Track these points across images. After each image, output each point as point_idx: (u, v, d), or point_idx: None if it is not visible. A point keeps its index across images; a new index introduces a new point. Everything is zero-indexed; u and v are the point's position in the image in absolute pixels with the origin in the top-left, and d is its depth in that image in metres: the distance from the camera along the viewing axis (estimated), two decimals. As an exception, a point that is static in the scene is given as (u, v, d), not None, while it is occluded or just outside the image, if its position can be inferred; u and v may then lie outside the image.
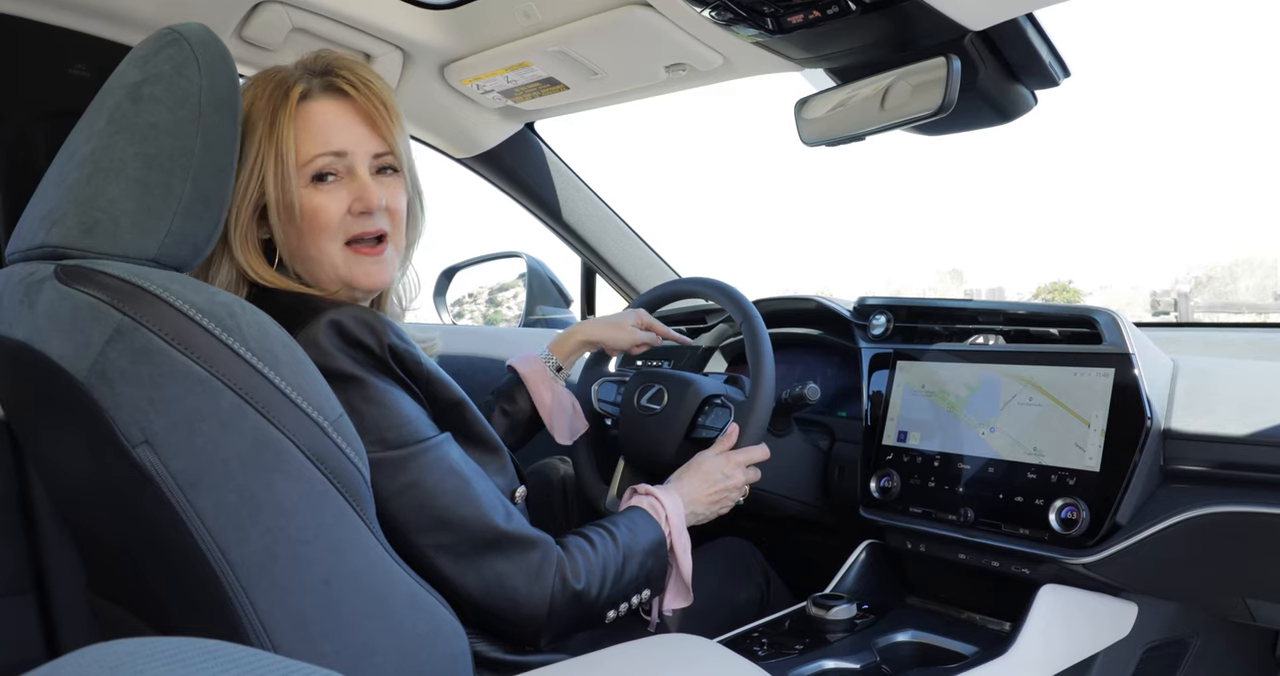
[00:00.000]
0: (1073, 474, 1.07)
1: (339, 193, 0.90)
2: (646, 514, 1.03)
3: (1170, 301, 21.29)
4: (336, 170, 0.90)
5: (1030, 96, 1.28)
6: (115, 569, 0.86)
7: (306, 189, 0.89)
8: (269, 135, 0.88)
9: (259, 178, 0.88)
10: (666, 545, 1.03)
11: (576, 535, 0.96)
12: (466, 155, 1.81)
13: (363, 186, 0.90)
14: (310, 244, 0.90)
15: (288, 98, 0.88)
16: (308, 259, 0.91)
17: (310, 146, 0.89)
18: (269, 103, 0.88)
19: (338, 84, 0.91)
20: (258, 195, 0.89)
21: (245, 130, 0.87)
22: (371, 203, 0.90)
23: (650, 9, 1.23)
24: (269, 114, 0.88)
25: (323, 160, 0.89)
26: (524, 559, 0.87)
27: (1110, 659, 1.09)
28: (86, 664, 0.33)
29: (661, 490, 1.08)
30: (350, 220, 0.91)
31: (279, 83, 0.90)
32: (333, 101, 0.91)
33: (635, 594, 0.98)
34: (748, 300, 1.28)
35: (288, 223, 0.90)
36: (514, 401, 1.28)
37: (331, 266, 0.91)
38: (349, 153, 0.90)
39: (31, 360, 0.67)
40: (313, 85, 0.91)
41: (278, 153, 0.87)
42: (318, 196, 0.89)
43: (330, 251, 0.91)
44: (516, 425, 1.28)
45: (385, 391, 0.83)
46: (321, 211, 0.89)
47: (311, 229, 0.90)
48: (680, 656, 0.79)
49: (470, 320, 3.03)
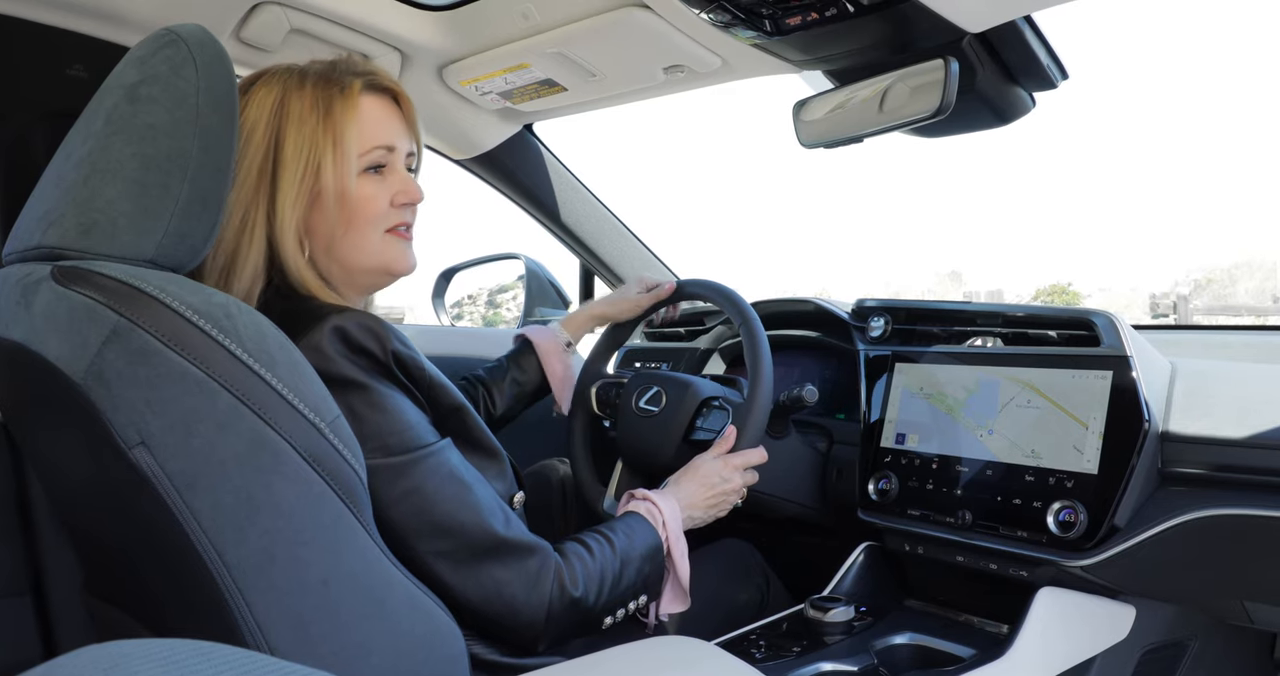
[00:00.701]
0: (1071, 476, 1.07)
1: (384, 185, 0.95)
2: (644, 519, 1.03)
3: (1170, 304, 21.31)
4: (386, 163, 0.95)
5: (1028, 98, 1.28)
6: (112, 570, 0.86)
7: (360, 179, 0.93)
8: (324, 124, 0.90)
9: (314, 166, 0.89)
10: (663, 551, 1.03)
11: (574, 541, 0.96)
12: (465, 156, 1.81)
13: (406, 180, 0.96)
14: (355, 232, 0.93)
15: (345, 91, 0.91)
16: (349, 248, 0.94)
17: (368, 138, 0.93)
18: (320, 94, 0.90)
19: (382, 83, 0.96)
20: (313, 182, 0.90)
21: (283, 119, 0.89)
22: (416, 196, 0.96)
23: (649, 11, 1.23)
24: (323, 104, 0.90)
25: (377, 153, 0.94)
26: (522, 566, 0.87)
27: (1108, 661, 1.09)
28: (81, 665, 0.33)
29: (659, 495, 1.08)
30: (393, 212, 0.95)
31: (320, 77, 0.91)
32: (379, 99, 0.95)
33: (632, 599, 0.98)
34: (746, 302, 1.28)
35: (336, 212, 0.92)
36: (524, 370, 1.32)
37: (372, 253, 0.95)
38: (396, 148, 0.95)
39: (28, 361, 0.67)
40: (362, 82, 0.94)
41: (336, 141, 0.90)
42: (369, 186, 0.93)
43: (372, 238, 0.94)
44: (524, 394, 1.33)
45: (388, 397, 0.84)
46: (372, 201, 0.93)
47: (359, 217, 0.93)
48: (677, 658, 0.79)
49: (470, 322, 3.03)
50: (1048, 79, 1.25)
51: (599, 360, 1.44)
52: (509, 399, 1.31)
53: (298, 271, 0.90)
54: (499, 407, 1.31)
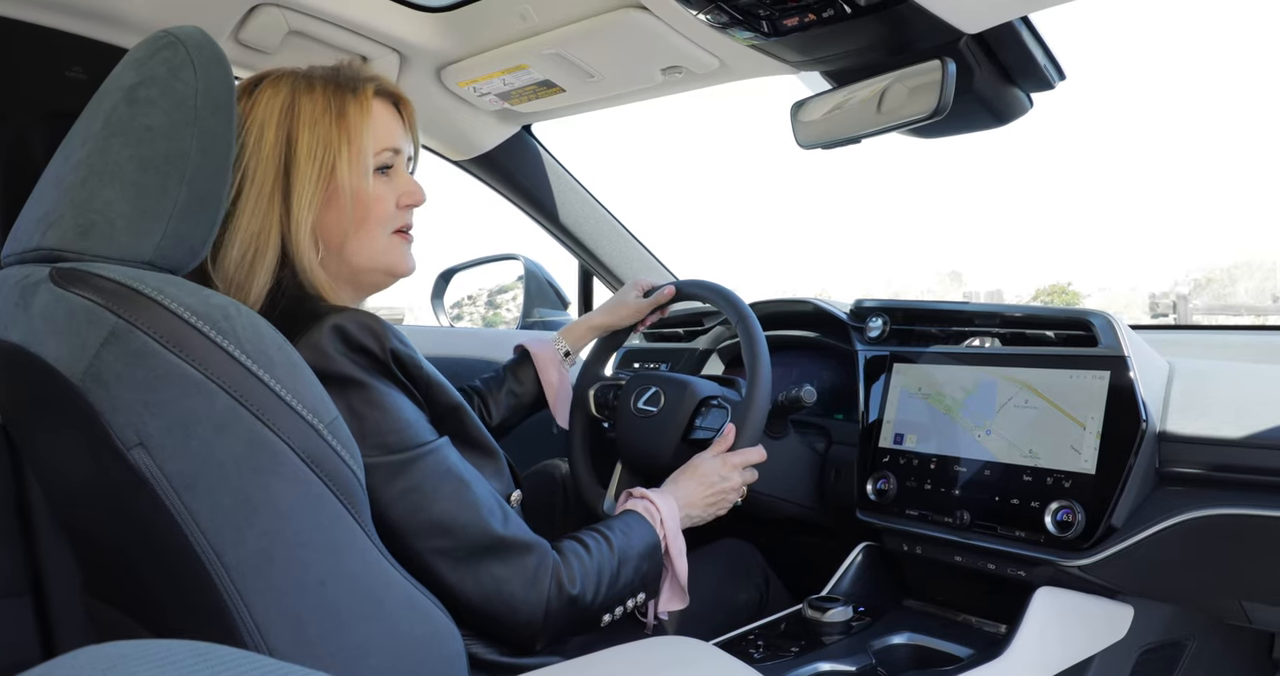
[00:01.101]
0: (1068, 476, 1.08)
1: (391, 186, 0.96)
2: (641, 518, 1.03)
3: (1169, 303, 21.30)
4: (393, 165, 0.97)
5: (1026, 99, 1.29)
6: (111, 571, 0.86)
7: (372, 178, 0.94)
8: (339, 125, 0.91)
9: (329, 165, 0.90)
10: (661, 549, 1.03)
11: (572, 539, 0.96)
12: (464, 157, 1.81)
13: (411, 182, 0.98)
14: (364, 231, 0.95)
15: (358, 93, 0.93)
16: (357, 247, 0.95)
17: (379, 140, 0.94)
18: (332, 96, 0.91)
19: (389, 88, 0.98)
20: (329, 181, 0.91)
21: (294, 121, 0.90)
22: (421, 198, 0.98)
23: (646, 12, 1.23)
24: (335, 106, 0.91)
25: (386, 155, 0.95)
26: (521, 564, 0.88)
27: (1106, 661, 1.09)
28: (79, 665, 0.33)
29: (657, 493, 1.08)
30: (399, 214, 0.97)
31: (329, 81, 0.92)
32: (386, 103, 0.97)
33: (630, 597, 0.98)
34: (744, 302, 1.28)
35: (353, 210, 0.93)
36: (521, 381, 1.32)
37: (378, 253, 0.96)
38: (401, 151, 0.97)
39: (27, 363, 0.67)
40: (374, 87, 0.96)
41: (351, 141, 0.91)
42: (380, 186, 0.95)
43: (380, 238, 0.96)
44: (521, 406, 1.33)
45: (387, 395, 0.84)
46: (382, 201, 0.95)
47: (368, 217, 0.94)
48: (675, 658, 0.79)
49: (469, 322, 3.03)
50: (1045, 79, 1.25)
51: (597, 362, 1.44)
52: (505, 409, 1.31)
53: (310, 271, 0.90)
54: (495, 418, 1.31)
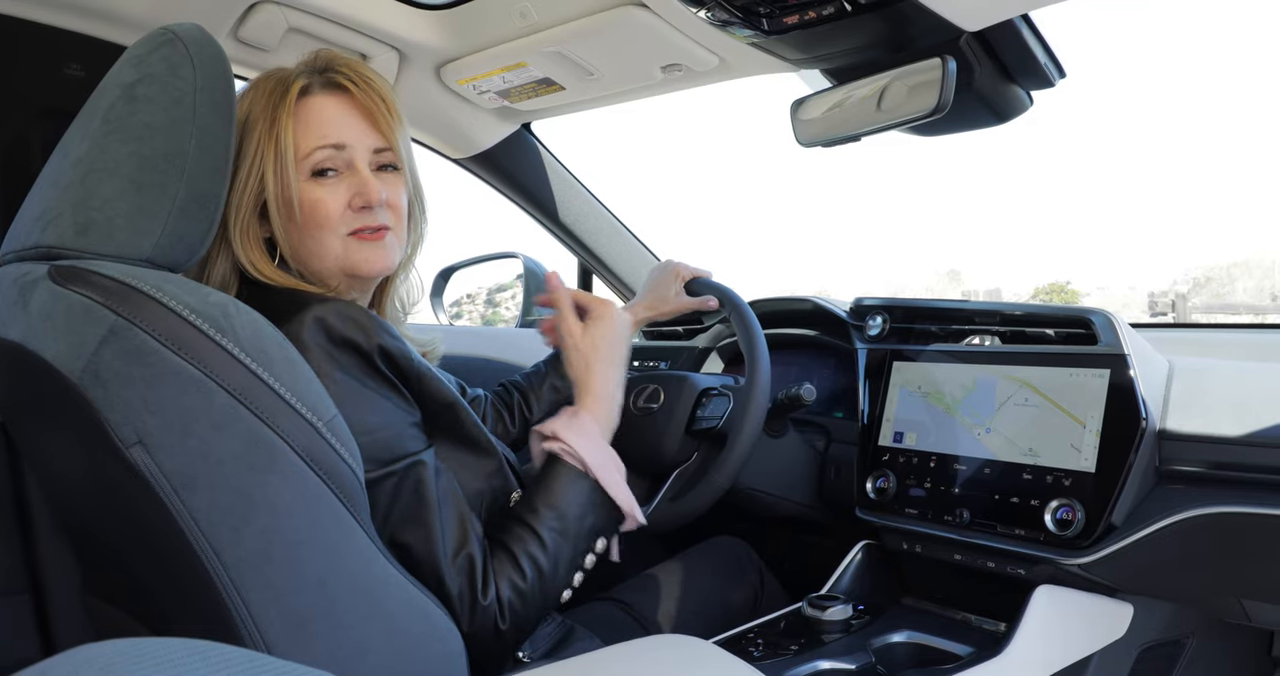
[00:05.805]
0: (1068, 474, 1.08)
1: (339, 188, 0.90)
2: (566, 471, 0.94)
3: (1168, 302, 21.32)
4: (336, 165, 0.90)
5: (1026, 97, 1.28)
6: (110, 569, 0.86)
7: (306, 183, 0.89)
8: (268, 131, 0.88)
9: (258, 174, 0.88)
10: (598, 493, 0.94)
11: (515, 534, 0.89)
12: (463, 156, 1.81)
13: (363, 181, 0.90)
14: (311, 239, 0.90)
15: (287, 93, 0.89)
16: (309, 254, 0.91)
17: (309, 140, 0.89)
18: (269, 100, 0.89)
19: (337, 79, 0.92)
20: (257, 191, 0.89)
21: (245, 129, 0.88)
22: (371, 197, 0.89)
23: (646, 10, 1.23)
24: (269, 111, 0.88)
25: (322, 154, 0.89)
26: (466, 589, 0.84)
27: (1106, 659, 1.09)
28: (77, 663, 0.33)
29: (567, 429, 0.96)
30: (351, 215, 0.90)
31: (279, 80, 0.91)
32: (331, 96, 0.91)
33: (589, 553, 0.94)
34: (742, 299, 1.28)
35: (288, 219, 0.90)
36: (563, 376, 1.23)
37: (333, 258, 0.91)
38: (348, 146, 0.90)
39: (26, 361, 0.67)
40: (313, 81, 0.91)
41: (276, 147, 0.88)
42: (317, 191, 0.89)
43: (331, 243, 0.90)
44: (562, 401, 1.24)
45: (367, 398, 0.82)
46: (321, 205, 0.89)
47: (311, 223, 0.89)
48: (675, 657, 0.79)
49: (468, 321, 3.03)
50: (1045, 77, 1.25)
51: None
52: (547, 405, 1.26)
53: (272, 277, 0.88)
54: (537, 414, 1.26)
